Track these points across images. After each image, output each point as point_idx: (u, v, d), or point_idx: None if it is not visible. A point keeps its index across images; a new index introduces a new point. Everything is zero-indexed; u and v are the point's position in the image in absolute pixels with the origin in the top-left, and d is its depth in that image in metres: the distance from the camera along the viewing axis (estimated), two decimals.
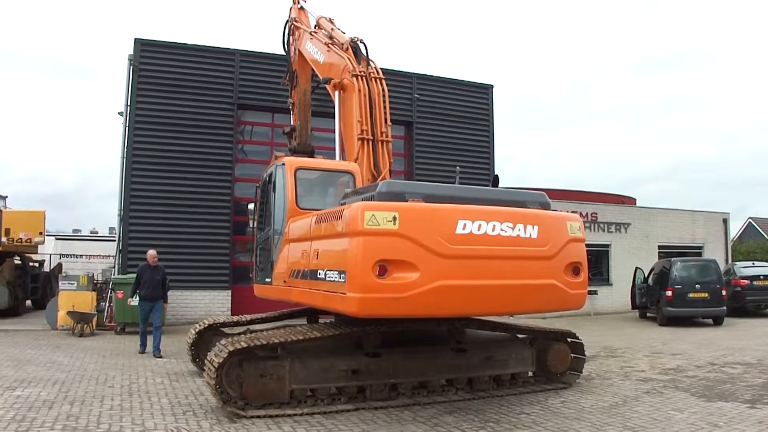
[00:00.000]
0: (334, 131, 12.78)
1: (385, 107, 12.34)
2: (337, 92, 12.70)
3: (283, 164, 10.92)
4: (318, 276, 8.61)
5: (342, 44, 13.09)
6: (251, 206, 12.90)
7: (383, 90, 12.38)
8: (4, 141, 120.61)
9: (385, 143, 12.19)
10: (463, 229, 8.08)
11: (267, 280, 11.28)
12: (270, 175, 11.62)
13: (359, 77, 12.22)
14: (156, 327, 14.21)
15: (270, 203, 11.50)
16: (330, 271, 8.26)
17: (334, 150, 12.87)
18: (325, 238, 8.66)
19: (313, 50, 14.42)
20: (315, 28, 15.00)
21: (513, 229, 8.36)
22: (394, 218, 7.75)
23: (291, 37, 16.35)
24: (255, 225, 12.57)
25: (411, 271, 7.74)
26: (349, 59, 12.59)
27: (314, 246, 8.93)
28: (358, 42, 12.96)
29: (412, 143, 23.88)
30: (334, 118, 12.71)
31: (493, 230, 8.24)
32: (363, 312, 7.87)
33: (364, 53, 12.76)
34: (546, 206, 9.09)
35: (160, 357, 13.63)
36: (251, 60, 21.95)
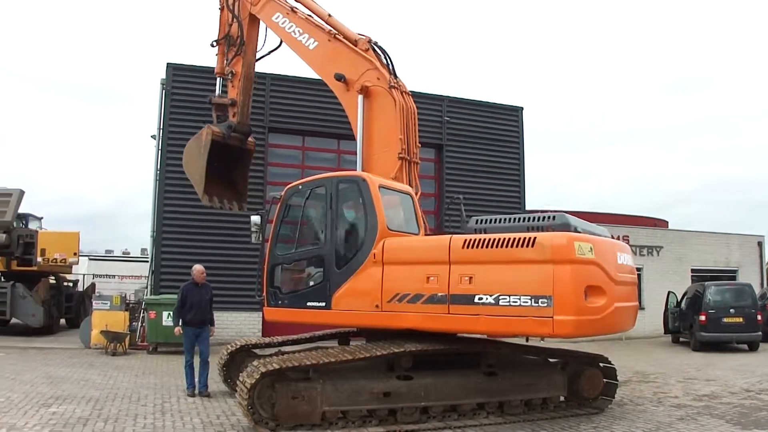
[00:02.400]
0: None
1: (416, 127, 12.28)
2: (360, 96, 12.24)
3: (365, 180, 10.44)
4: (478, 301, 8.95)
5: (355, 41, 12.68)
6: (256, 219, 11.45)
7: (415, 108, 12.33)
8: (40, 164, 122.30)
9: (416, 165, 12.18)
10: (619, 259, 9.50)
11: (311, 303, 10.54)
12: (320, 190, 11.00)
13: (397, 90, 12.05)
14: (204, 360, 11.97)
15: (325, 220, 10.71)
16: (515, 296, 8.66)
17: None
18: (495, 263, 9.00)
19: (295, 30, 13.64)
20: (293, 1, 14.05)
21: (628, 259, 9.97)
22: (591, 249, 8.74)
23: None
24: (260, 240, 11.51)
25: (601, 295, 8.75)
26: (378, 65, 12.27)
27: (462, 270, 9.18)
28: (376, 45, 12.62)
29: (443, 166, 23.88)
30: None
31: (626, 261, 9.78)
32: (576, 333, 8.74)
33: (385, 60, 12.47)
34: None
35: (208, 395, 11.72)
36: (282, 84, 22.09)
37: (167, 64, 20.90)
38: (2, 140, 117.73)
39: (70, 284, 26.81)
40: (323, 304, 10.38)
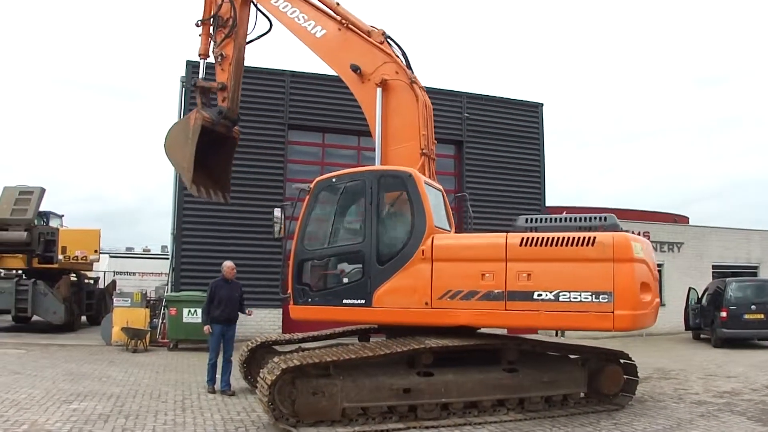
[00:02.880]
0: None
1: (432, 122, 12.23)
2: (379, 90, 12.08)
3: (411, 176, 10.39)
4: (537, 297, 9.37)
5: (368, 32, 12.50)
6: (278, 212, 11.01)
7: (431, 104, 12.28)
8: (63, 162, 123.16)
9: (434, 161, 12.15)
10: (653, 257, 10.15)
11: (348, 301, 10.30)
12: (357, 184, 10.82)
13: (418, 86, 12.02)
14: (227, 358, 11.92)
15: (364, 215, 10.51)
16: (575, 293, 9.21)
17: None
18: (554, 260, 9.46)
19: (299, 17, 13.27)
20: None
21: (655, 257, 10.54)
22: (641, 248, 9.50)
23: None
24: (283, 234, 11.00)
25: (648, 291, 9.50)
26: (396, 60, 12.19)
27: (520, 267, 9.53)
28: (389, 38, 12.46)
29: (462, 162, 23.83)
30: None
31: (656, 259, 10.52)
32: (632, 327, 9.40)
33: (401, 54, 12.36)
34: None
35: (233, 394, 11.50)
36: (301, 81, 22.11)
37: (187, 61, 20.92)
38: (26, 139, 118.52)
39: (91, 281, 26.96)
40: (362, 301, 10.18)
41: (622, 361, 11.07)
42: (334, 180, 10.96)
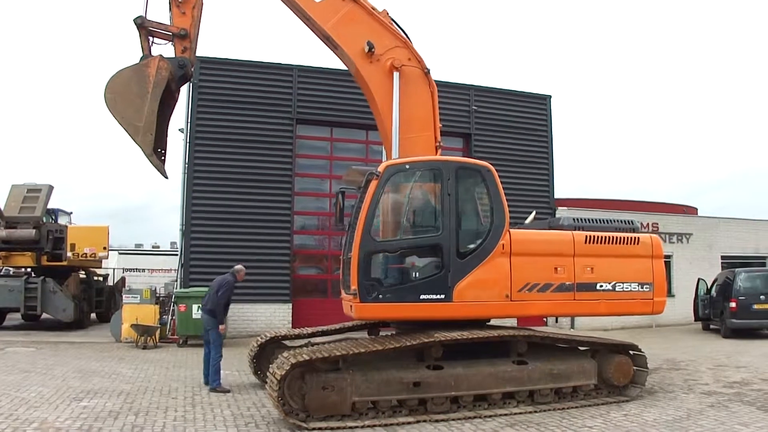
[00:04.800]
0: None
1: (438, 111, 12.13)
2: (396, 74, 11.61)
3: (489, 170, 10.57)
4: (599, 288, 10.81)
5: (372, 9, 11.85)
6: (340, 194, 10.26)
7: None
8: (72, 160, 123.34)
9: (440, 150, 12.10)
10: None
11: (426, 296, 9.84)
12: (433, 173, 10.55)
13: (430, 75, 11.91)
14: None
15: (442, 206, 10.14)
16: (627, 284, 10.97)
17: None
18: (610, 256, 11.00)
19: None
20: None
21: None
22: (658, 245, 11.49)
23: None
24: (344, 223, 10.44)
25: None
26: (409, 46, 11.87)
27: (585, 262, 10.78)
28: (393, 21, 11.97)
29: (471, 155, 23.73)
30: None
31: None
32: (662, 311, 11.39)
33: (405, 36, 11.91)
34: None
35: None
36: (309, 75, 22.05)
37: None
38: (33, 136, 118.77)
39: (100, 278, 27.03)
40: (442, 296, 9.88)
41: (631, 352, 11.09)
42: (407, 166, 10.47)
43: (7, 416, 9.07)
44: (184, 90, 21.10)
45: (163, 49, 11.50)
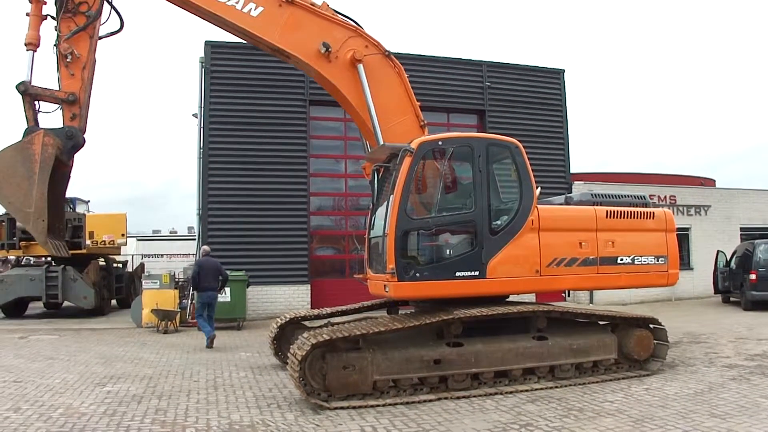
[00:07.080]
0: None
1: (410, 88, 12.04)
2: (360, 66, 11.41)
3: (517, 147, 10.53)
4: (620, 261, 11.01)
5: (311, 4, 11.50)
6: (375, 172, 10.52)
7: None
8: (87, 148, 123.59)
9: (426, 128, 12.03)
10: None
11: (461, 273, 9.88)
12: (465, 150, 10.46)
13: (392, 56, 11.84)
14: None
15: (474, 182, 10.16)
16: (644, 257, 11.20)
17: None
18: (629, 230, 11.26)
19: None
20: None
21: None
22: (671, 219, 11.77)
23: None
24: (377, 201, 10.67)
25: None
26: (361, 33, 11.65)
27: (607, 237, 10.98)
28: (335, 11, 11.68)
29: (485, 132, 23.64)
30: None
31: None
32: (676, 282, 11.68)
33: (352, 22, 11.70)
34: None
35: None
36: None
37: (205, 42, 20.91)
38: (51, 126, 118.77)
39: (120, 265, 27.18)
40: (476, 273, 9.93)
41: (651, 326, 11.04)
42: (440, 143, 10.25)
43: (33, 402, 9.15)
44: (197, 75, 21.26)
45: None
